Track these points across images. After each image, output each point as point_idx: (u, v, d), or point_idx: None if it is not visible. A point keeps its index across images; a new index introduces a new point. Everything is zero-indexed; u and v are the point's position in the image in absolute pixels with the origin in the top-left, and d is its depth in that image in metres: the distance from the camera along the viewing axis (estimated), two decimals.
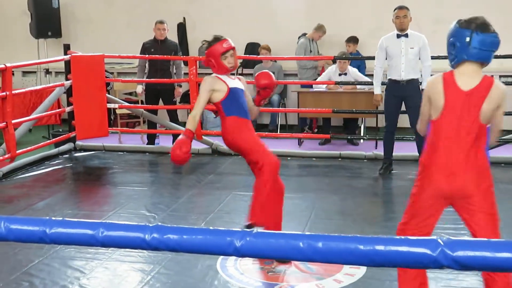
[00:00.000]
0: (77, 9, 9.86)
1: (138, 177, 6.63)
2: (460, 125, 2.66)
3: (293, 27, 9.00)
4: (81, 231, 1.31)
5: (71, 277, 3.76)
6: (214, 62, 3.92)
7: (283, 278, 3.72)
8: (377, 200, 5.66)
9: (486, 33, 2.59)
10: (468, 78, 2.65)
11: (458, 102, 2.65)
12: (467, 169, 2.69)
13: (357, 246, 1.17)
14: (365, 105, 7.52)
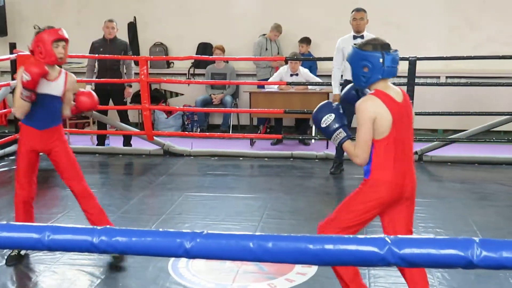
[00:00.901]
0: (24, 7, 9.61)
1: (88, 178, 6.41)
2: (407, 135, 2.84)
3: (247, 28, 9.02)
4: (27, 235, 1.27)
5: (17, 282, 3.66)
6: (43, 49, 3.59)
7: (236, 278, 3.71)
8: (329, 199, 5.72)
9: (391, 52, 2.80)
10: (394, 91, 2.83)
11: (400, 115, 2.79)
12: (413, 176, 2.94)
13: (307, 245, 1.18)
14: (316, 105, 7.53)
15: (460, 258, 1.18)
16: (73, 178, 3.86)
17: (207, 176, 6.36)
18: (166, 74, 9.14)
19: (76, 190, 3.87)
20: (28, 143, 3.78)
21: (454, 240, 1.19)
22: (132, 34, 9.35)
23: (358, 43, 2.86)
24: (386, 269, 3.74)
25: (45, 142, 3.77)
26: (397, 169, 2.81)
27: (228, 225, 4.61)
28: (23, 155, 3.81)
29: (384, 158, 2.79)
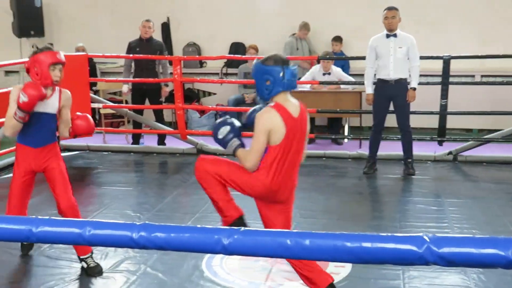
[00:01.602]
0: (60, 8, 9.78)
1: (123, 177, 6.60)
2: (297, 148, 3.07)
3: (278, 27, 9.02)
4: (68, 230, 1.31)
5: (57, 277, 3.73)
6: (39, 70, 3.56)
7: (269, 276, 3.72)
8: (362, 199, 5.69)
9: (291, 66, 3.06)
10: (292, 106, 3.06)
11: (294, 129, 3.02)
12: (294, 186, 3.21)
13: (344, 243, 1.18)
14: (349, 104, 7.56)
15: (500, 258, 1.17)
16: (64, 196, 3.77)
17: None
18: (199, 74, 9.20)
19: (63, 207, 3.75)
20: (24, 163, 3.71)
21: (494, 239, 1.18)
22: (166, 34, 9.44)
23: (261, 59, 3.10)
24: (420, 270, 3.71)
25: (41, 160, 3.72)
26: (277, 176, 3.05)
27: (260, 224, 4.62)
28: (18, 176, 3.74)
29: (270, 163, 3.02)
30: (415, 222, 4.72)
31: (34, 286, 3.64)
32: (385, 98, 6.06)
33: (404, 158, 6.23)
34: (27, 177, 3.75)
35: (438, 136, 6.83)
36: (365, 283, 3.65)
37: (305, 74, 7.95)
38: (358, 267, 3.73)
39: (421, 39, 6.73)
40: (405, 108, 6.08)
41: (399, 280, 3.62)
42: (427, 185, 5.96)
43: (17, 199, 3.77)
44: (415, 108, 6.42)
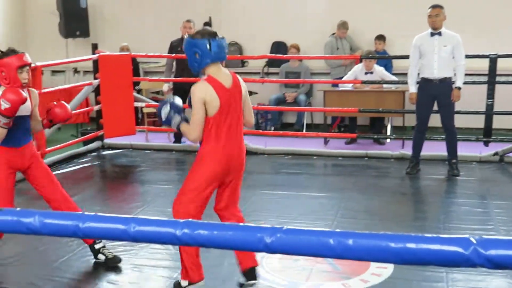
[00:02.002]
0: (105, 9, 9.96)
1: (165, 175, 6.68)
2: (235, 116, 3.26)
3: (320, 26, 8.97)
4: (113, 226, 1.33)
5: (100, 273, 3.80)
6: (7, 75, 3.54)
7: (309, 277, 3.71)
8: (405, 199, 5.62)
9: (218, 38, 3.22)
10: (222, 77, 3.23)
11: (227, 99, 3.21)
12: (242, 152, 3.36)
13: (388, 243, 1.16)
14: (391, 104, 7.47)
15: None
16: (54, 192, 3.88)
17: (280, 174, 6.39)
18: (240, 73, 9.19)
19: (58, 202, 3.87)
20: (8, 164, 3.71)
21: None
22: None
23: (191, 34, 3.31)
24: (465, 272, 3.63)
25: (25, 158, 3.76)
26: (223, 144, 3.24)
27: (301, 224, 4.62)
28: (3, 177, 3.70)
29: (212, 134, 3.22)
30: (459, 224, 4.63)
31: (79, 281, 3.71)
32: (429, 97, 5.96)
33: (449, 159, 6.12)
34: (12, 176, 3.78)
35: (483, 136, 6.69)
36: (407, 285, 3.60)
37: (347, 73, 7.89)
38: (401, 268, 3.68)
39: (467, 37, 6.59)
40: (450, 108, 5.98)
41: (442, 282, 3.56)
42: (472, 186, 5.84)
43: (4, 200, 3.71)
44: (460, 107, 6.30)
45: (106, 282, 3.67)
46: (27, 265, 4.04)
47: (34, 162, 3.82)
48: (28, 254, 4.19)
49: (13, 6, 10.06)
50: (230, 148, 3.28)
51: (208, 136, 3.25)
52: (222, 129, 3.23)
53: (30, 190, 5.90)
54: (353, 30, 8.66)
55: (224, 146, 3.25)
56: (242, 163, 3.39)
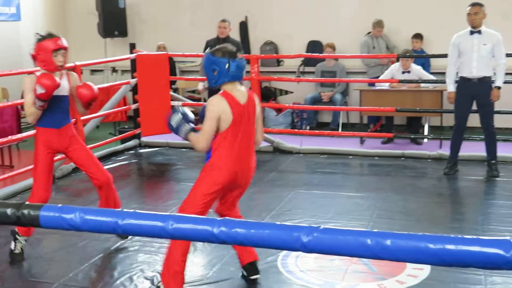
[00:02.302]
0: (142, 9, 10.08)
1: None
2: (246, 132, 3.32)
3: (356, 25, 8.91)
4: (152, 223, 1.35)
5: (136, 269, 3.86)
6: (44, 57, 3.78)
7: (344, 277, 3.69)
8: (442, 200, 5.53)
9: (238, 59, 3.30)
10: (239, 93, 3.31)
11: (240, 115, 3.27)
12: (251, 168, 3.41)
13: (427, 244, 1.15)
14: (429, 103, 7.37)
15: None
16: (97, 171, 4.08)
17: (316, 173, 6.37)
18: (276, 72, 9.23)
19: (102, 180, 4.07)
20: (46, 144, 3.93)
21: None
22: (244, 33, 9.53)
23: (211, 49, 3.34)
24: (504, 275, 3.57)
25: (64, 140, 3.97)
26: (232, 159, 3.29)
27: (337, 224, 4.60)
28: (41, 157, 3.93)
29: (222, 147, 3.28)
30: (498, 226, 4.54)
31: (116, 277, 3.77)
32: (468, 97, 5.86)
33: (488, 160, 6.01)
34: (49, 156, 3.98)
35: None
36: (444, 287, 3.55)
37: (384, 72, 7.82)
38: (438, 270, 3.64)
39: (509, 35, 6.46)
40: (489, 108, 5.86)
41: (480, 285, 3.50)
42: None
43: (42, 179, 3.96)
44: (500, 107, 6.17)
45: (143, 278, 3.72)
46: (66, 260, 4.12)
47: (73, 143, 4.01)
48: (67, 249, 4.27)
49: (54, 6, 10.26)
50: (239, 164, 3.32)
51: (218, 149, 3.30)
52: (232, 144, 3.28)
53: (70, 186, 6.04)
54: (390, 28, 8.57)
55: (233, 161, 3.30)
56: (248, 178, 3.44)
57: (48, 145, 3.93)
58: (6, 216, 1.45)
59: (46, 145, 3.93)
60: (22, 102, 7.08)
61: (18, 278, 3.77)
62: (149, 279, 3.72)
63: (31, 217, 1.43)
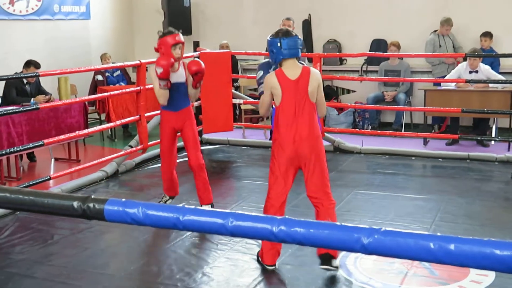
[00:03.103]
0: (207, 8, 10.21)
1: (260, 171, 6.74)
2: (296, 105, 3.58)
3: (421, 23, 8.72)
4: (212, 220, 1.36)
5: (195, 265, 3.91)
6: (164, 51, 4.46)
7: (405, 280, 3.62)
8: (509, 205, 5.34)
9: (289, 37, 3.58)
10: (291, 71, 3.60)
11: (289, 89, 3.58)
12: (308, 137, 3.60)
13: (493, 250, 1.11)
14: (497, 104, 7.13)
15: None
16: (191, 154, 4.76)
17: (377, 174, 6.27)
18: (339, 71, 9.15)
19: (193, 164, 4.77)
20: (168, 123, 4.71)
21: None
22: (306, 31, 9.50)
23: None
24: None
25: (181, 121, 4.72)
26: (289, 130, 3.58)
27: (398, 226, 4.52)
28: (165, 133, 4.75)
29: (279, 121, 3.62)
30: None
31: (176, 272, 3.84)
32: None
33: None
34: (172, 132, 4.75)
35: None
36: None
37: (449, 71, 7.61)
38: (503, 277, 3.52)
39: None
40: None
41: None
42: None
43: (168, 151, 4.81)
44: None
45: (201, 274, 3.77)
46: (127, 254, 4.22)
47: (187, 125, 4.75)
48: (129, 243, 4.38)
49: (122, 5, 10.54)
50: (296, 134, 3.58)
51: (276, 124, 3.66)
52: (287, 116, 3.58)
53: (133, 181, 6.18)
54: (457, 27, 8.34)
55: (289, 132, 3.58)
56: (308, 148, 3.61)
57: (168, 124, 4.72)
58: (72, 209, 1.50)
59: (167, 124, 4.72)
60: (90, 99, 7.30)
61: (81, 269, 3.90)
62: (207, 275, 3.76)
63: (96, 211, 1.47)
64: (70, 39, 9.37)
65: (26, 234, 4.52)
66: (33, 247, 4.28)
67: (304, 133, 3.59)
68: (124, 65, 7.01)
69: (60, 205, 1.51)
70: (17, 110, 5.37)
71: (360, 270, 3.77)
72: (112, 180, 6.13)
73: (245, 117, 8.96)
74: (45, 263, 4.00)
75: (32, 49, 8.43)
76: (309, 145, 3.61)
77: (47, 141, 5.43)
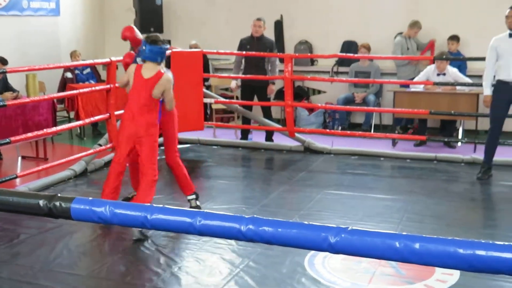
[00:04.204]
0: (179, 7, 10.16)
1: (231, 171, 6.75)
2: (139, 98, 4.43)
3: (392, 26, 8.82)
4: (180, 219, 1.36)
5: (164, 264, 3.89)
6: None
7: (372, 279, 3.66)
8: (474, 205, 5.45)
9: (154, 45, 4.39)
10: (147, 71, 4.42)
11: (140, 84, 4.42)
12: (140, 122, 4.44)
13: (456, 249, 1.13)
14: (464, 107, 7.26)
15: None
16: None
17: (346, 174, 6.33)
18: (310, 72, 9.20)
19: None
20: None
21: None
22: (278, 32, 9.52)
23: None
24: None
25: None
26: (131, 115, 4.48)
27: (366, 226, 4.56)
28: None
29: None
30: None
31: (143, 271, 3.81)
32: (505, 101, 5.76)
33: None
34: None
35: None
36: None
37: (416, 73, 7.72)
38: (467, 276, 3.58)
39: None
40: None
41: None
42: None
43: None
44: None
45: (170, 274, 3.75)
46: (95, 253, 4.18)
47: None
48: (97, 242, 4.33)
49: (92, 2, 10.41)
50: (132, 121, 4.50)
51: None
52: (131, 105, 4.52)
53: (101, 180, 6.11)
54: (426, 29, 8.46)
55: (127, 119, 4.54)
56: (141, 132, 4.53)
57: None
58: (38, 207, 1.48)
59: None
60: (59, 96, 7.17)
61: (48, 269, 3.84)
62: (175, 275, 3.75)
63: (63, 210, 1.46)
64: (39, 36, 9.23)
65: None
66: None
67: (139, 119, 4.49)
68: (94, 62, 6.93)
69: (26, 204, 1.49)
70: None
71: (328, 269, 3.80)
72: (80, 179, 6.06)
73: (216, 116, 8.94)
74: (11, 263, 3.93)
75: (0, 45, 8.28)
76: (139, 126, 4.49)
77: (14, 139, 5.33)
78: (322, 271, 3.78)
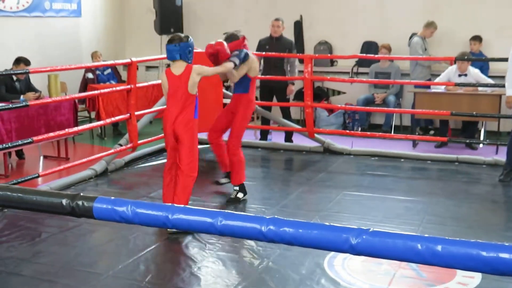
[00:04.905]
0: (199, 7, 10.20)
1: (250, 171, 6.72)
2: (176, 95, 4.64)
3: (412, 26, 8.75)
4: (201, 219, 1.36)
5: (184, 264, 3.91)
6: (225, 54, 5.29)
7: (392, 281, 3.64)
8: (496, 207, 5.38)
9: (168, 44, 4.63)
10: (176, 69, 4.65)
11: (175, 84, 4.62)
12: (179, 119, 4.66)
13: (479, 252, 1.12)
14: (486, 108, 7.18)
15: None
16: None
17: (366, 175, 6.29)
18: (329, 73, 9.17)
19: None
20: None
21: None
22: (298, 32, 9.51)
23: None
24: None
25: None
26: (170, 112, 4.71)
27: (386, 227, 4.53)
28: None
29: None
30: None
31: (168, 271, 3.83)
32: None
33: None
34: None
35: None
36: None
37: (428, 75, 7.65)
38: (489, 279, 3.54)
39: None
40: None
41: None
42: None
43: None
44: None
45: (189, 274, 3.77)
46: (116, 253, 4.21)
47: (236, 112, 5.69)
48: (117, 242, 4.37)
49: (113, 4, 10.50)
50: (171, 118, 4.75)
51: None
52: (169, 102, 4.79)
53: (122, 180, 6.16)
54: (447, 30, 8.39)
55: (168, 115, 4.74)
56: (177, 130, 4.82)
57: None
58: (61, 206, 1.50)
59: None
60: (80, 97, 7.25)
61: (69, 268, 3.88)
62: (196, 275, 3.76)
63: (85, 209, 1.47)
64: (60, 37, 9.33)
65: (13, 232, 4.50)
66: (21, 244, 4.26)
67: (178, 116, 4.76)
68: (115, 63, 6.98)
69: (49, 203, 1.50)
70: (7, 107, 5.34)
71: (348, 271, 3.79)
72: (101, 179, 6.11)
73: None
74: (33, 261, 3.98)
75: (22, 46, 8.38)
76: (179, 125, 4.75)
77: (36, 139, 5.40)
78: (341, 272, 3.77)
